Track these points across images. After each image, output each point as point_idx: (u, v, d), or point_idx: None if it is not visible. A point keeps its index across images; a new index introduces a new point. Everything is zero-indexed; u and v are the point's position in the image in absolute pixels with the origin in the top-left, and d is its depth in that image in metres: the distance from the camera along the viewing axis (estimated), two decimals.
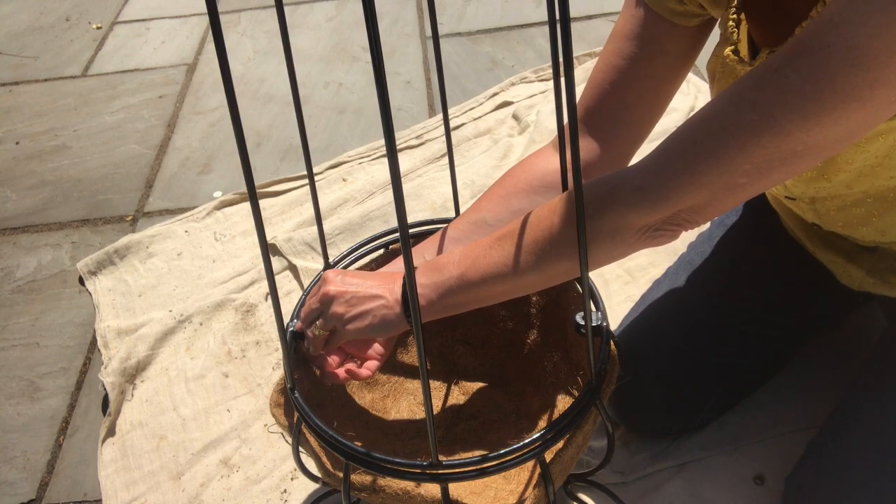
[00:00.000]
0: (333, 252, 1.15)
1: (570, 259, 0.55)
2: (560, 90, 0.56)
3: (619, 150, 0.69)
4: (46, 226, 1.33)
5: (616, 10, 1.75)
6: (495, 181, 0.74)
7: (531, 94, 1.47)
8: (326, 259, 0.74)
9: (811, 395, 0.89)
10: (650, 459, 0.85)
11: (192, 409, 0.98)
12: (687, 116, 1.36)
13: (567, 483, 0.83)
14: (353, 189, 1.29)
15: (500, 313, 0.85)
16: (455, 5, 1.85)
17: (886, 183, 0.58)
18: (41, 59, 1.83)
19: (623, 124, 0.67)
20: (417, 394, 0.85)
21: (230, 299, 1.12)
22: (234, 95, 0.44)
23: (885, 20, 0.39)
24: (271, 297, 0.54)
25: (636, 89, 0.65)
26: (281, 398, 0.67)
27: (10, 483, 0.94)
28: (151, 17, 1.97)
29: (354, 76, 1.65)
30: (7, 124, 1.60)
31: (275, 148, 1.46)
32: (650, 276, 1.08)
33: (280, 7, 0.54)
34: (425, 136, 1.41)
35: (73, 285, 1.21)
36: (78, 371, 1.07)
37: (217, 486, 0.89)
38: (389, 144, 0.41)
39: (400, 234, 0.45)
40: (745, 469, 0.84)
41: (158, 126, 1.56)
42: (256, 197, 0.48)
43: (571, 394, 0.76)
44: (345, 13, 1.90)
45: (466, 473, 0.55)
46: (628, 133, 0.68)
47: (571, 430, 0.58)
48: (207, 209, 1.30)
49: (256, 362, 1.04)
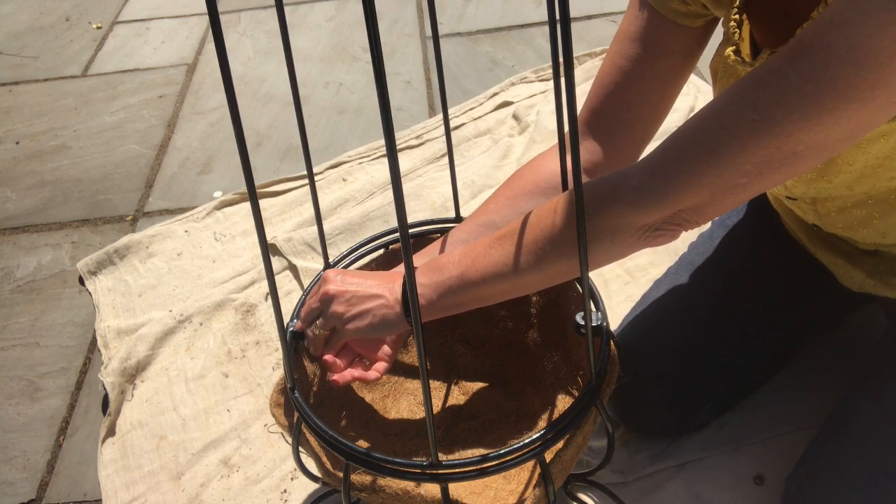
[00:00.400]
0: (333, 252, 1.15)
1: (570, 259, 0.55)
2: (560, 90, 0.56)
3: (626, 151, 0.69)
4: (46, 226, 1.33)
5: (616, 9, 1.75)
6: (503, 183, 0.74)
7: (531, 94, 1.47)
8: (326, 259, 0.74)
9: (811, 395, 0.89)
10: (650, 459, 0.85)
11: (192, 409, 0.98)
12: (687, 116, 1.36)
13: (567, 483, 0.83)
14: (353, 189, 1.29)
15: (500, 313, 0.85)
16: (455, 5, 1.85)
17: (887, 184, 0.58)
18: (41, 59, 1.83)
19: (628, 125, 0.67)
20: (417, 394, 0.85)
21: (230, 299, 1.12)
22: (234, 95, 0.44)
23: (886, 20, 0.39)
24: (271, 297, 0.54)
25: (641, 90, 0.65)
26: (281, 398, 0.67)
27: (10, 483, 0.94)
28: (151, 17, 1.97)
29: (354, 76, 1.65)
30: (7, 124, 1.60)
31: (275, 148, 1.46)
32: (650, 276, 1.08)
33: (280, 7, 0.54)
34: (425, 136, 1.41)
35: (73, 285, 1.21)
36: (78, 371, 1.07)
37: (217, 486, 0.89)
38: (389, 144, 0.41)
39: (400, 234, 0.45)
40: (745, 469, 0.84)
41: (158, 126, 1.56)
42: (257, 197, 0.48)
43: (571, 394, 0.76)
44: (345, 13, 1.90)
45: (466, 473, 0.55)
46: (634, 133, 0.68)
47: (571, 430, 0.58)
48: (207, 209, 1.30)
49: (256, 362, 1.04)
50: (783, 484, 0.72)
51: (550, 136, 1.33)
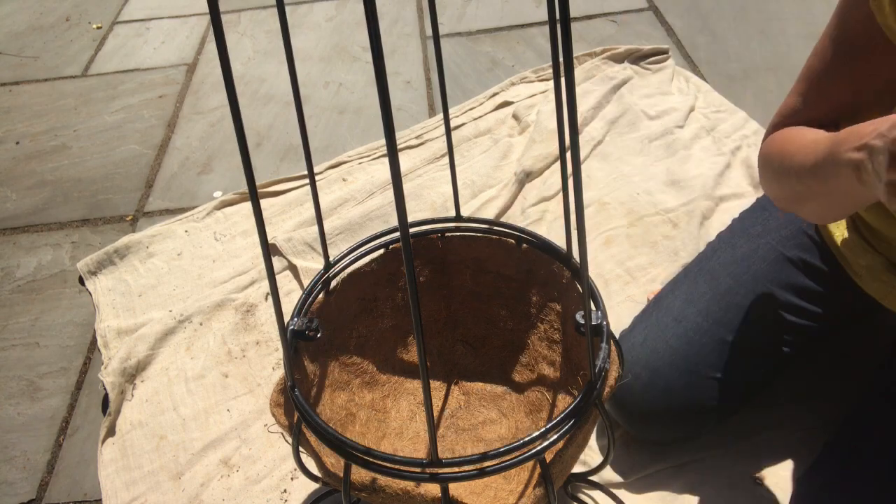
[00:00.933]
0: (333, 252, 1.15)
1: None
2: (560, 90, 0.56)
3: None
4: (46, 226, 1.33)
5: (616, 10, 1.75)
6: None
7: (531, 94, 1.47)
8: (327, 259, 0.74)
9: (812, 395, 0.89)
10: (650, 459, 0.85)
11: (192, 408, 0.98)
12: (687, 116, 1.36)
13: (567, 483, 0.83)
14: (353, 189, 1.29)
15: (500, 313, 0.85)
16: (455, 5, 1.85)
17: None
18: (41, 59, 1.83)
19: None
20: (417, 394, 0.85)
21: (230, 299, 1.12)
22: (235, 95, 0.44)
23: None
24: (272, 296, 0.54)
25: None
26: (281, 398, 0.67)
27: (10, 483, 0.94)
28: (151, 17, 1.97)
29: (354, 76, 1.65)
30: (7, 124, 1.60)
31: (275, 148, 1.46)
32: (650, 275, 1.08)
33: (281, 7, 0.54)
34: (425, 136, 1.41)
35: (73, 285, 1.21)
36: (78, 371, 1.07)
37: (217, 485, 0.89)
38: (390, 144, 0.41)
39: (400, 234, 0.45)
40: (745, 469, 0.84)
41: (158, 126, 1.56)
42: (258, 197, 0.48)
43: (571, 394, 0.76)
44: (345, 13, 1.90)
45: (466, 473, 0.55)
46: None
47: (571, 430, 0.58)
48: (207, 209, 1.30)
49: (256, 362, 1.04)
50: (787, 484, 0.72)
51: (550, 135, 1.33)
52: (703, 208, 1.17)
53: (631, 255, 1.12)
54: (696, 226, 1.14)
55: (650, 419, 0.81)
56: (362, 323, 0.82)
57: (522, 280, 0.81)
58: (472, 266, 0.83)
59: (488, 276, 0.83)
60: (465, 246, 0.82)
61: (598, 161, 1.30)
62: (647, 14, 1.72)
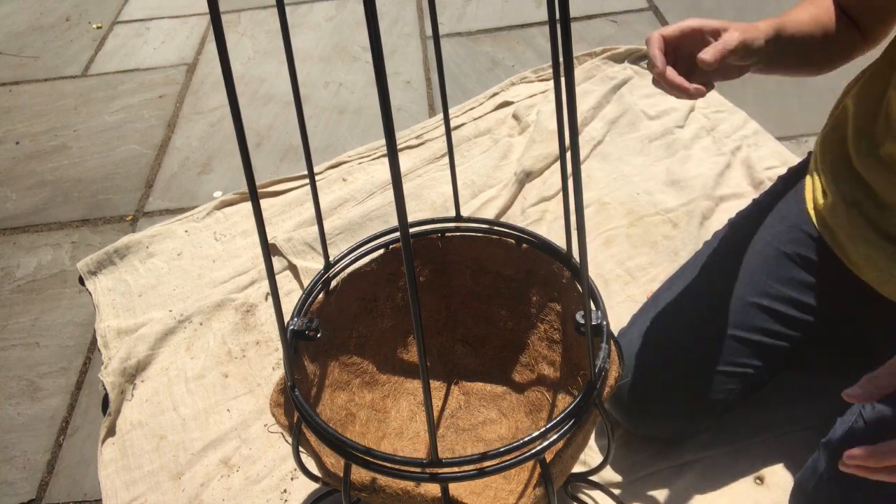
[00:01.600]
0: (333, 252, 1.15)
1: None
2: (560, 90, 0.56)
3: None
4: (46, 226, 1.33)
5: (616, 10, 1.75)
6: None
7: (531, 94, 1.47)
8: (327, 259, 0.74)
9: (812, 395, 0.89)
10: (650, 459, 0.85)
11: (192, 409, 0.98)
12: (687, 116, 1.36)
13: (567, 483, 0.83)
14: (353, 189, 1.29)
15: (500, 313, 0.85)
16: (455, 5, 1.85)
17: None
18: (41, 59, 1.83)
19: None
20: (417, 394, 0.85)
21: (230, 299, 1.12)
22: (235, 95, 0.44)
23: None
24: (272, 296, 0.54)
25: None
26: (281, 398, 0.67)
27: (10, 483, 0.94)
28: (151, 17, 1.97)
29: (354, 76, 1.65)
30: (7, 124, 1.60)
31: (275, 148, 1.46)
32: (650, 275, 1.08)
33: (281, 7, 0.54)
34: (425, 136, 1.41)
35: (73, 285, 1.21)
36: (78, 371, 1.07)
37: (217, 485, 0.89)
38: (390, 144, 0.41)
39: (400, 234, 0.45)
40: (745, 469, 0.84)
41: (158, 126, 1.56)
42: (258, 197, 0.48)
43: (571, 394, 0.76)
44: (345, 13, 1.90)
45: (466, 473, 0.55)
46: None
47: (571, 430, 0.58)
48: (207, 209, 1.30)
49: (256, 362, 1.04)
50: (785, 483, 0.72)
51: (550, 135, 1.33)
52: (703, 208, 1.17)
53: (631, 255, 1.12)
54: (696, 226, 1.14)
55: (648, 415, 0.82)
56: (362, 323, 0.82)
57: (522, 280, 0.81)
58: (472, 266, 0.83)
59: (488, 276, 0.83)
60: (465, 246, 0.82)
61: (598, 161, 1.30)
62: (647, 14, 1.72)
